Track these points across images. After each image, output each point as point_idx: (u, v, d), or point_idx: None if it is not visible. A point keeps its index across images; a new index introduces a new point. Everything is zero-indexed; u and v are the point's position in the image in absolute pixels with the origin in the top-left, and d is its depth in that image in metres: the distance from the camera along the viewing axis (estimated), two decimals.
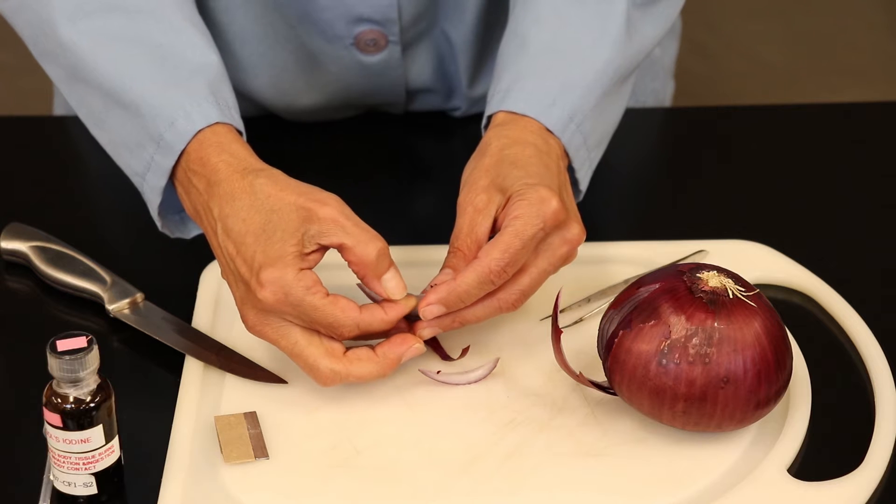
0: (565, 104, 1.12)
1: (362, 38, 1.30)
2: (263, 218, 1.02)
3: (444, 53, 1.34)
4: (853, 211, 1.28)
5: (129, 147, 1.12)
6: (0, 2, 1.17)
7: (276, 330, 1.02)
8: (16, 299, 1.18)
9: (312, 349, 1.02)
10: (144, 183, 1.11)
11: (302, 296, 1.00)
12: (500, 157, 1.08)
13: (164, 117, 1.09)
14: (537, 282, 1.05)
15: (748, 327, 0.98)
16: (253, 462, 1.00)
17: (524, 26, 1.16)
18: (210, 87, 1.10)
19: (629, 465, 1.00)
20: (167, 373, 1.09)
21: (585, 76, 1.14)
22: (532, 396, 1.06)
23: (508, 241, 1.02)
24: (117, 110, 1.12)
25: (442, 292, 1.03)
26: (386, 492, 0.99)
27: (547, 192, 1.04)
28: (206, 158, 1.07)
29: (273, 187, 1.03)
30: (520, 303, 1.05)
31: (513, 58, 1.15)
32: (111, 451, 0.98)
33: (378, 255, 1.02)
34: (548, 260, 1.05)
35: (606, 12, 1.16)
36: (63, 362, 0.94)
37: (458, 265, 1.04)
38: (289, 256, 1.00)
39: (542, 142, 1.11)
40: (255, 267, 1.01)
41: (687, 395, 0.98)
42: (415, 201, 1.30)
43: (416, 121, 1.39)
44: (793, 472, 1.00)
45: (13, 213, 1.23)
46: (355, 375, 1.02)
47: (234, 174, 1.05)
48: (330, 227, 1.01)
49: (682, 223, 1.26)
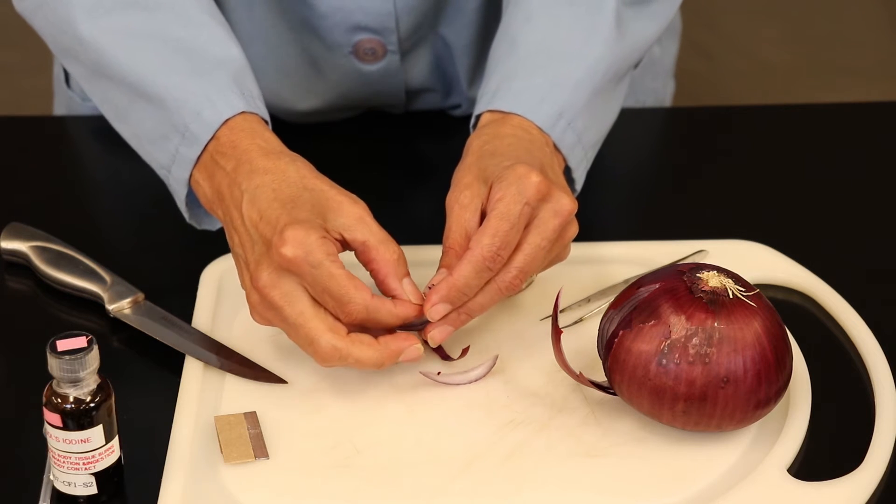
0: (554, 101, 1.12)
1: (361, 46, 1.30)
2: (295, 193, 1.03)
3: (442, 56, 1.35)
4: (853, 211, 1.28)
5: (154, 140, 1.12)
6: (18, 1, 1.18)
7: (285, 295, 1.01)
8: (16, 299, 1.18)
9: (317, 322, 1.01)
10: (170, 175, 1.12)
11: (322, 258, 1.00)
12: (481, 152, 1.08)
13: (189, 108, 1.09)
14: (533, 257, 1.04)
15: (748, 327, 0.98)
16: (253, 462, 1.01)
17: (514, 27, 1.16)
18: (234, 78, 1.10)
19: (629, 465, 1.00)
20: (167, 373, 1.09)
21: (574, 73, 1.14)
22: (532, 396, 1.06)
23: (495, 224, 1.02)
24: (141, 103, 1.12)
25: (443, 290, 1.03)
26: (386, 492, 0.99)
27: (524, 169, 1.04)
28: (238, 142, 1.07)
29: (308, 171, 1.05)
30: (518, 281, 1.04)
31: (502, 58, 1.16)
32: (111, 451, 0.98)
33: (399, 256, 1.03)
34: (540, 234, 1.04)
35: (596, 10, 1.16)
36: (63, 362, 0.94)
37: (451, 263, 1.04)
38: (315, 223, 1.01)
39: (524, 132, 1.11)
40: (279, 226, 1.01)
41: (687, 395, 0.98)
42: (415, 201, 1.30)
43: (415, 120, 1.39)
44: (793, 472, 1.00)
45: (13, 213, 1.23)
46: (355, 357, 1.01)
47: (268, 154, 1.06)
48: (356, 224, 1.02)
49: (682, 223, 1.26)
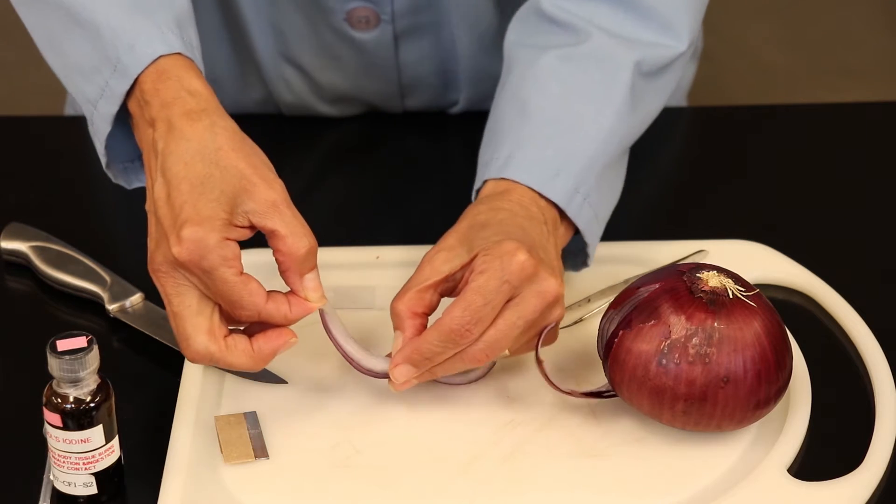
0: (569, 175, 1.09)
1: (355, 14, 1.30)
2: (206, 171, 0.98)
3: (443, 49, 1.34)
4: (853, 211, 1.28)
5: (84, 72, 1.07)
6: None
7: (175, 286, 0.98)
8: (16, 299, 1.18)
9: (199, 320, 0.98)
10: (95, 111, 1.06)
11: (216, 265, 0.96)
12: (473, 221, 1.05)
13: (123, 41, 1.04)
14: (504, 334, 1.00)
15: (748, 327, 0.98)
16: (253, 462, 1.00)
17: (525, 90, 1.13)
18: (176, 21, 1.05)
19: (629, 465, 1.00)
20: (167, 373, 1.09)
21: (589, 147, 1.11)
22: (532, 396, 1.06)
23: (470, 297, 0.99)
24: (76, 31, 1.07)
25: (407, 351, 1.01)
26: (386, 492, 0.99)
27: (512, 245, 1.01)
28: (162, 91, 1.02)
29: (227, 142, 0.99)
30: (483, 355, 1.00)
31: (514, 124, 1.12)
32: (111, 451, 0.98)
33: (308, 251, 0.99)
34: (517, 313, 1.00)
35: (611, 81, 1.13)
36: (63, 362, 0.94)
37: (401, 326, 1.02)
38: (218, 221, 0.97)
39: (522, 209, 1.07)
40: (179, 220, 0.97)
41: (687, 395, 0.98)
42: (412, 201, 1.30)
43: (413, 121, 1.39)
44: (793, 472, 1.00)
45: (13, 213, 1.23)
46: (226, 363, 0.99)
47: (188, 114, 1.00)
48: (268, 210, 0.98)
49: (682, 223, 1.26)
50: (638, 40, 1.14)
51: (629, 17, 1.14)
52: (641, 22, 1.15)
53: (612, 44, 1.14)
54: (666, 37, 1.15)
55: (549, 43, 1.15)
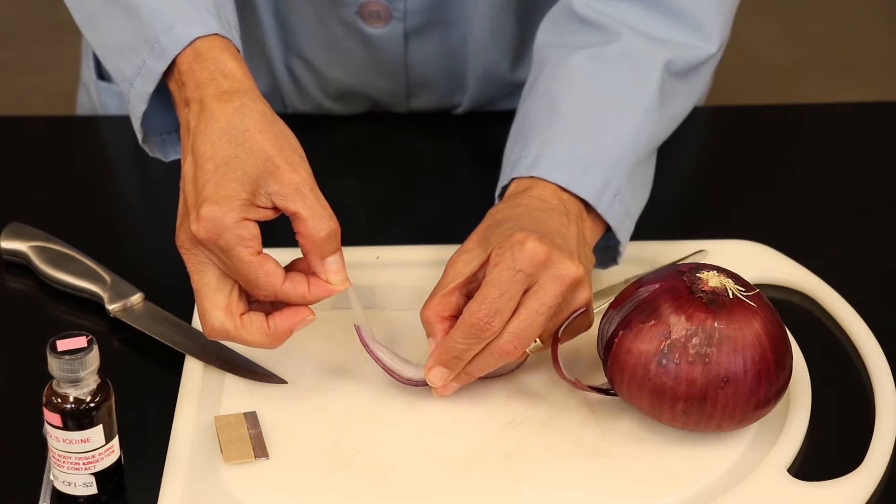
0: (598, 172, 1.09)
1: (366, 8, 1.30)
2: (231, 151, 0.99)
3: (454, 51, 1.34)
4: (853, 211, 1.28)
5: (123, 51, 1.08)
6: None
7: (196, 262, 1.00)
8: (16, 299, 1.18)
9: (217, 296, 1.00)
10: (132, 89, 1.08)
11: (233, 244, 0.98)
12: (491, 221, 1.06)
13: (162, 21, 1.05)
14: (529, 323, 1.01)
15: (748, 327, 0.98)
16: (253, 462, 1.01)
17: (556, 90, 1.13)
18: (215, 3, 1.07)
19: (629, 465, 1.01)
20: (167, 373, 1.09)
21: (618, 146, 1.11)
22: (532, 396, 1.06)
23: (485, 290, 1.00)
24: (116, 11, 1.08)
25: (437, 353, 1.02)
26: (386, 492, 0.99)
27: (522, 235, 1.01)
28: (197, 72, 1.04)
29: (255, 124, 1.00)
30: (512, 346, 1.01)
31: (543, 123, 1.12)
32: (111, 451, 0.98)
33: (329, 234, 1.00)
34: (538, 300, 1.01)
35: (640, 80, 1.13)
36: (63, 362, 0.94)
37: (431, 332, 1.03)
38: (237, 201, 0.98)
39: (540, 202, 1.08)
40: (200, 198, 0.99)
41: (687, 395, 0.98)
42: (416, 201, 1.30)
43: (416, 121, 1.39)
44: (793, 472, 1.00)
45: (13, 213, 1.23)
46: (241, 339, 1.01)
47: (220, 96, 1.02)
48: (290, 193, 0.99)
49: (682, 223, 1.26)
50: (668, 41, 1.15)
51: (660, 17, 1.15)
52: (672, 23, 1.15)
53: (642, 44, 1.14)
54: (696, 38, 1.16)
55: (579, 43, 1.15)
